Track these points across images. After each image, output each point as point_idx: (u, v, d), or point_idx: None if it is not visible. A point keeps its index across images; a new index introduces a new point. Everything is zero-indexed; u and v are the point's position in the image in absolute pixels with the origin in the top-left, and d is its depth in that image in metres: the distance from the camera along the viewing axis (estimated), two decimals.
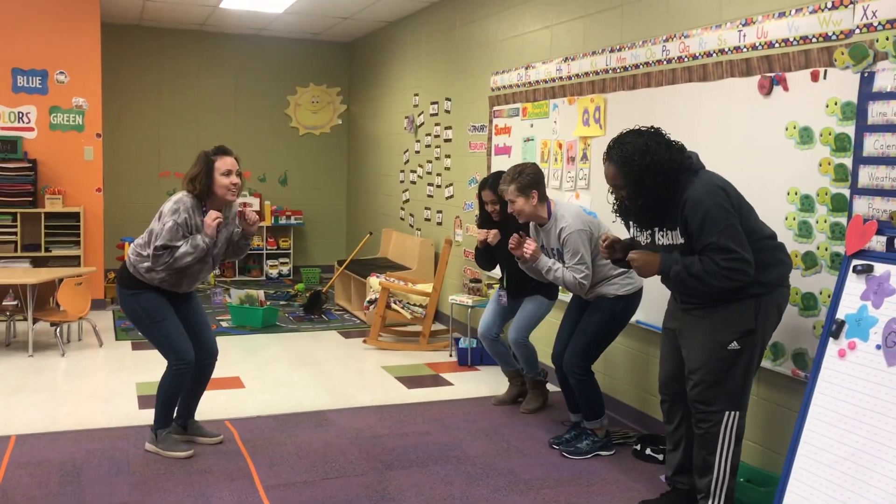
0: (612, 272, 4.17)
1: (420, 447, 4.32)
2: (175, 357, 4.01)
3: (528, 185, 4.22)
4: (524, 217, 4.29)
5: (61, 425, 4.55)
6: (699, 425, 3.29)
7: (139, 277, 3.94)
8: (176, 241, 3.82)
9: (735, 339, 3.18)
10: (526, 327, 4.80)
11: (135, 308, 3.99)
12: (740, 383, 3.23)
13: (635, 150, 3.18)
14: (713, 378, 3.22)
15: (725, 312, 3.20)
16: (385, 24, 8.94)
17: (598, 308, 4.21)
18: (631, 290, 4.19)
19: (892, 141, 3.13)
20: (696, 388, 3.27)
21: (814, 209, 3.48)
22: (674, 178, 3.16)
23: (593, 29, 5.13)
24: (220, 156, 3.92)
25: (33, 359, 5.98)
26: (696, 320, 3.30)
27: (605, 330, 4.23)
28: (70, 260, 7.54)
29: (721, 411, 3.23)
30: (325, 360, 6.20)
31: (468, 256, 6.86)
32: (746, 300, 3.18)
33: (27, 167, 7.40)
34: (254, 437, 4.41)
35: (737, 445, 3.26)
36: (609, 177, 3.30)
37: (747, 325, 3.17)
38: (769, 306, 3.21)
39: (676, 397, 3.48)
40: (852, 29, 3.31)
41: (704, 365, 3.24)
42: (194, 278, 4.05)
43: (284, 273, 10.16)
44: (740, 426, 3.26)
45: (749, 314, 3.18)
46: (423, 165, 7.96)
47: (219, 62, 9.97)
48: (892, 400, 2.78)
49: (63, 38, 7.55)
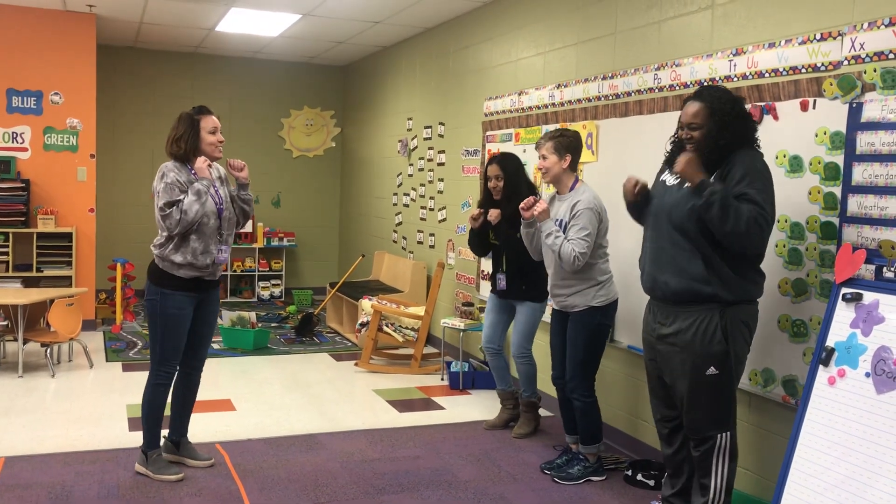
0: (598, 276, 4.18)
1: (411, 472, 4.31)
2: (158, 365, 4.04)
3: (564, 147, 4.21)
4: (549, 177, 4.27)
5: (50, 447, 4.52)
6: (696, 448, 3.36)
7: (169, 271, 3.95)
8: (175, 196, 3.86)
9: (712, 365, 3.23)
10: (526, 337, 4.84)
11: (155, 307, 4.01)
12: (726, 405, 3.30)
13: (728, 98, 3.24)
14: (699, 405, 3.29)
15: (695, 339, 3.24)
16: (380, 49, 9.01)
17: (578, 327, 4.22)
18: (605, 302, 4.20)
19: (880, 170, 3.17)
20: (688, 416, 3.34)
21: (804, 237, 3.52)
22: (740, 139, 3.22)
23: (586, 56, 5.19)
24: (203, 115, 4.02)
25: (23, 380, 5.94)
26: (671, 351, 3.34)
27: (592, 346, 4.24)
28: (62, 280, 7.52)
29: (713, 435, 3.29)
30: (317, 382, 6.19)
31: (461, 280, 6.88)
32: (713, 319, 3.20)
33: (20, 187, 7.40)
34: (244, 461, 4.39)
35: (731, 463, 3.33)
36: (689, 114, 3.27)
37: (719, 348, 3.22)
38: (735, 323, 3.24)
39: (674, 424, 3.52)
40: (841, 60, 3.36)
41: (689, 393, 3.30)
42: (215, 244, 4.01)
43: (276, 295, 10.15)
44: (733, 445, 3.33)
45: (717, 337, 3.21)
46: (416, 189, 8.00)
47: (213, 84, 10.01)
48: (881, 427, 2.79)
49: (59, 60, 7.59)
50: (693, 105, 3.27)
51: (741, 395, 3.83)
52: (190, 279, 3.98)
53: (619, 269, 4.48)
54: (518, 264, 4.80)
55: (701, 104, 3.24)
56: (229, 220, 4.13)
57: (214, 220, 4.00)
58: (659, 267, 3.36)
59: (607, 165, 4.90)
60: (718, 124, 3.19)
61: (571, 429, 4.43)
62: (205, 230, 3.96)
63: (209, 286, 4.11)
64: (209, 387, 5.75)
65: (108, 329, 7.81)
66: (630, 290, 4.62)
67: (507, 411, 5.14)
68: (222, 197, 4.09)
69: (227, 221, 4.10)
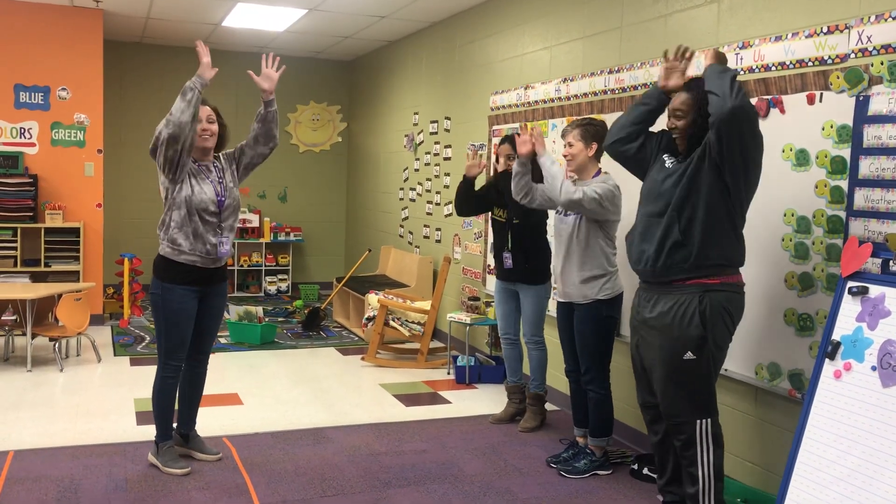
0: (608, 266, 4.20)
1: (417, 465, 4.33)
2: (165, 358, 4.07)
3: (591, 135, 4.21)
4: (574, 164, 4.27)
5: (59, 441, 4.55)
6: (676, 437, 3.38)
7: (172, 258, 3.95)
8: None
9: (689, 350, 3.25)
10: (536, 323, 4.91)
11: (158, 302, 4.03)
12: (704, 390, 3.32)
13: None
14: (676, 389, 3.32)
15: (673, 323, 3.27)
16: (386, 44, 9.01)
17: (585, 320, 4.24)
18: (610, 295, 4.21)
19: (887, 164, 3.16)
20: (664, 401, 3.38)
21: (810, 231, 3.51)
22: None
23: (592, 50, 5.18)
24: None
25: (32, 374, 5.98)
26: (651, 333, 3.38)
27: (601, 338, 4.25)
28: (69, 275, 7.55)
29: (692, 420, 3.31)
30: (324, 377, 6.21)
31: (467, 274, 6.88)
32: (691, 303, 3.24)
33: (28, 182, 7.43)
34: (252, 454, 4.41)
35: (716, 449, 3.34)
36: (676, 103, 3.37)
37: (696, 332, 3.24)
38: (715, 309, 3.25)
39: (656, 411, 3.54)
40: (847, 53, 3.35)
41: (666, 378, 3.33)
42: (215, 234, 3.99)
43: (283, 290, 10.18)
44: (716, 432, 3.34)
45: (695, 321, 3.23)
46: (422, 183, 8.00)
47: (220, 79, 9.84)
48: (887, 421, 2.79)
49: (66, 55, 7.61)
50: (681, 94, 3.38)
51: (747, 388, 3.84)
52: (192, 268, 3.98)
53: (627, 260, 4.47)
54: (522, 243, 4.86)
55: (688, 94, 3.34)
56: (231, 208, 4.08)
57: (214, 206, 3.98)
58: (646, 239, 3.41)
59: (610, 158, 4.89)
60: (702, 114, 3.25)
61: (581, 421, 4.43)
62: (204, 217, 3.95)
63: (213, 279, 4.11)
64: (216, 381, 5.78)
65: (115, 323, 7.84)
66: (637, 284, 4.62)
67: (514, 405, 5.15)
68: (225, 186, 4.07)
69: (227, 210, 4.06)
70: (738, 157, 3.16)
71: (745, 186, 3.25)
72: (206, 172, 4.03)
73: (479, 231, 6.66)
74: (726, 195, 3.23)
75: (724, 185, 3.21)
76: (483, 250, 6.57)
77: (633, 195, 3.76)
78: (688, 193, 3.26)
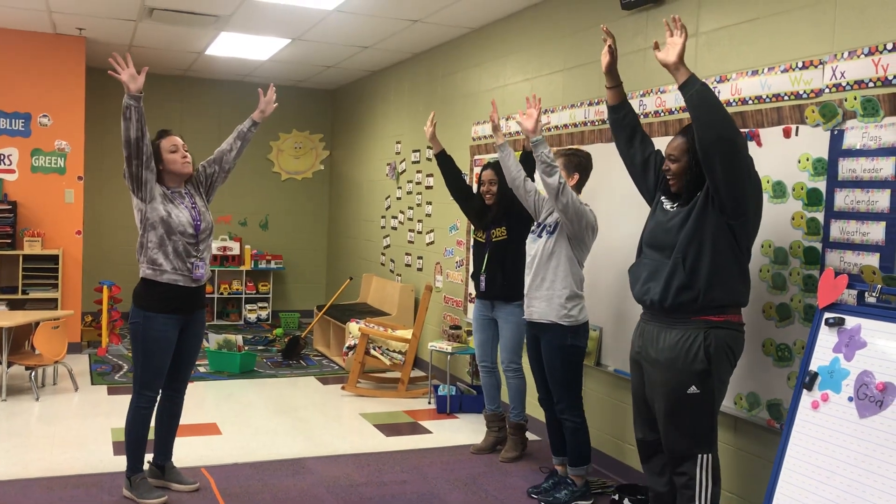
0: (573, 287, 4.19)
1: (398, 496, 4.30)
2: (140, 388, 4.03)
3: (574, 165, 4.25)
4: None
5: (34, 472, 4.48)
6: (676, 471, 3.35)
7: (154, 279, 3.95)
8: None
9: (693, 384, 3.25)
10: (513, 350, 4.91)
11: (138, 331, 4.00)
12: (707, 425, 3.31)
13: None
14: (680, 424, 3.30)
15: (678, 357, 3.26)
16: (369, 73, 9.07)
17: (551, 350, 4.24)
18: (574, 323, 4.20)
19: (862, 196, 3.22)
20: (667, 436, 3.35)
21: (787, 262, 3.56)
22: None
23: (572, 82, 5.25)
24: (162, 137, 4.16)
25: (6, 403, 5.89)
26: (655, 367, 3.36)
27: (569, 368, 4.25)
28: (47, 303, 7.48)
29: (694, 455, 3.29)
30: (303, 406, 6.16)
31: (448, 303, 6.88)
32: (696, 338, 3.23)
33: (7, 209, 7.38)
34: (230, 485, 4.36)
35: (714, 486, 3.32)
36: (671, 147, 3.36)
37: (701, 367, 3.23)
38: (720, 346, 3.25)
39: (657, 446, 3.53)
40: (822, 88, 3.42)
41: (669, 412, 3.32)
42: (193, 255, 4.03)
43: (263, 318, 10.12)
44: (715, 467, 3.33)
45: (700, 356, 3.23)
46: (404, 211, 8.02)
47: (203, 107, 10.04)
48: (864, 451, 2.81)
49: (48, 82, 7.60)
50: (677, 139, 3.37)
51: (726, 418, 3.85)
52: (173, 291, 3.97)
53: (609, 291, 4.50)
54: (500, 262, 4.88)
55: (683, 139, 3.34)
56: (207, 231, 4.15)
57: (191, 229, 4.02)
58: (652, 279, 3.40)
59: (593, 189, 4.91)
60: (695, 159, 3.25)
61: (559, 450, 4.43)
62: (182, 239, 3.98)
63: (194, 304, 4.10)
64: (195, 410, 5.72)
65: (93, 352, 7.76)
66: (618, 314, 4.64)
67: (493, 434, 5.13)
68: (199, 210, 4.12)
69: (204, 234, 4.11)
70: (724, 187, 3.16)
71: (746, 222, 3.24)
72: (180, 198, 4.10)
73: (460, 259, 6.68)
74: (731, 237, 3.23)
75: (729, 227, 3.22)
76: (465, 278, 6.58)
77: (612, 228, 3.78)
78: (692, 237, 3.24)
